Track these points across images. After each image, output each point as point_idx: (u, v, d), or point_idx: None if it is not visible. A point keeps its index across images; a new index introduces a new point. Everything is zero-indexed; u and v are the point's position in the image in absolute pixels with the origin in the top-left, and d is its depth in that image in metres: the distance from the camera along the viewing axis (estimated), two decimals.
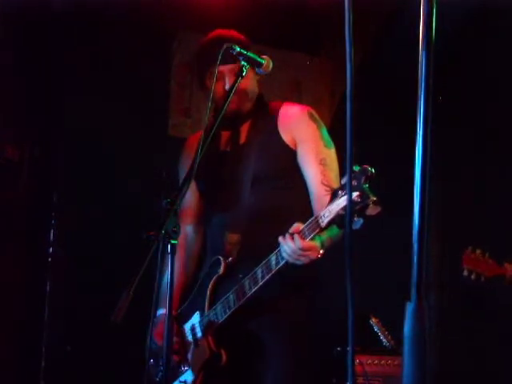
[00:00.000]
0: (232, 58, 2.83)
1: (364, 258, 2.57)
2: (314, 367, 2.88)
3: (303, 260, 2.61)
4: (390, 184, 4.30)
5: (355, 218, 2.32)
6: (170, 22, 4.44)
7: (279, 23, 4.60)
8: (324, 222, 2.47)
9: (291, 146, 2.93)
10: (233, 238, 2.93)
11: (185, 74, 4.71)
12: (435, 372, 4.51)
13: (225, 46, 2.82)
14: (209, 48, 2.97)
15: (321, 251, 2.65)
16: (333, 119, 4.90)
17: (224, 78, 2.93)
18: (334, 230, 2.62)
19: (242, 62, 2.80)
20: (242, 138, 3.02)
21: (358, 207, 2.29)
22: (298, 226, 2.60)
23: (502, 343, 4.55)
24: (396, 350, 4.06)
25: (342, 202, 2.39)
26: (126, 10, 4.10)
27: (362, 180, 2.29)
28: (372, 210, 2.30)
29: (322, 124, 2.99)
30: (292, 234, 2.59)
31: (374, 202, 2.29)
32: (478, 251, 3.94)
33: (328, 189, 2.81)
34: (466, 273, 3.95)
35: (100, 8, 4.01)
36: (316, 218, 2.51)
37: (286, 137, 2.94)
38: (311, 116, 2.98)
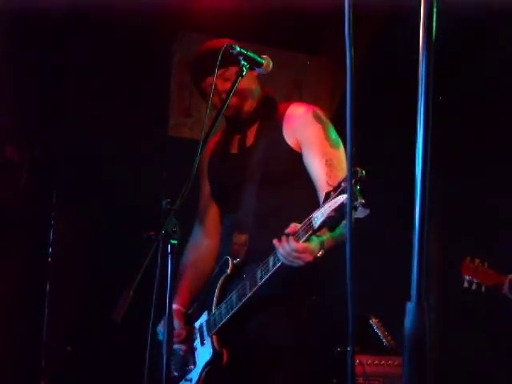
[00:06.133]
0: (232, 59, 2.80)
1: (364, 257, 2.57)
2: (317, 366, 2.89)
3: (298, 262, 2.57)
4: (389, 184, 4.32)
5: (343, 221, 2.31)
6: (170, 23, 4.43)
7: (279, 23, 4.60)
8: (317, 224, 2.42)
9: (295, 148, 2.89)
10: (240, 238, 2.92)
11: (185, 74, 4.70)
12: (435, 371, 4.50)
13: (225, 46, 2.81)
14: (203, 59, 2.95)
15: (319, 253, 2.60)
16: (333, 119, 4.89)
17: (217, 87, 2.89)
18: (338, 230, 2.52)
19: (242, 62, 2.79)
20: (250, 141, 3.01)
21: (345, 210, 2.26)
22: (294, 226, 2.55)
23: (502, 343, 4.55)
24: (396, 350, 4.06)
25: (333, 203, 2.33)
26: (127, 10, 4.09)
27: (352, 182, 2.21)
28: (360, 213, 2.23)
29: (329, 123, 2.93)
30: (287, 236, 2.55)
31: (363, 205, 2.22)
32: (477, 260, 3.85)
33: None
34: (466, 284, 3.83)
35: (100, 8, 4.01)
36: (309, 219, 2.46)
37: (290, 139, 2.90)
38: (316, 116, 2.93)
